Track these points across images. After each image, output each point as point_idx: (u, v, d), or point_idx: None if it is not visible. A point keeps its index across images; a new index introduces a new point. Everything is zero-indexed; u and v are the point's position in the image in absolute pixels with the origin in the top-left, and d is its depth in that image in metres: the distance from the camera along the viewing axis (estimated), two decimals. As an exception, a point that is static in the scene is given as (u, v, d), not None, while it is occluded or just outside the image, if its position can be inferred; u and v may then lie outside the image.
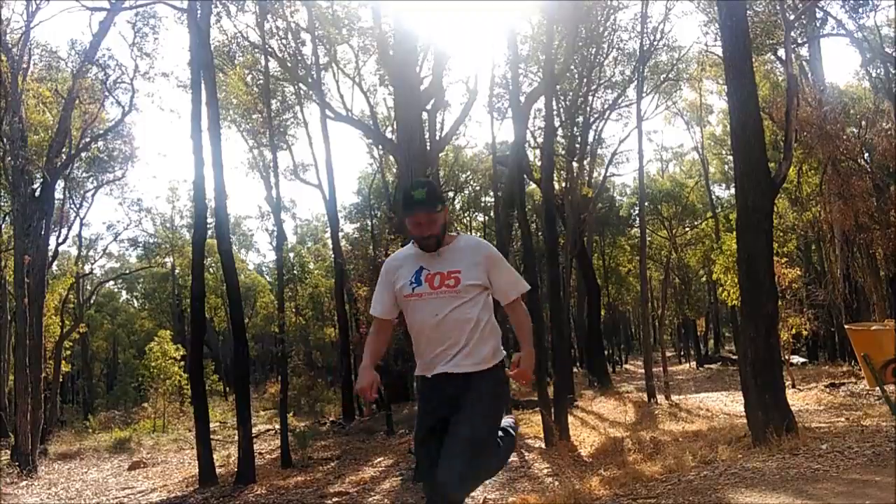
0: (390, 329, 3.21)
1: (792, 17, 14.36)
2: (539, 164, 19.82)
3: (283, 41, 18.67)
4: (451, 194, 31.08)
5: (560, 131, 22.24)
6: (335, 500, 8.94)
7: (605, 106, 24.64)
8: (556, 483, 7.91)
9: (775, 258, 9.44)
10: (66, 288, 26.45)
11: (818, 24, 19.46)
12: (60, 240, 24.23)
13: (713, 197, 31.26)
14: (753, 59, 9.04)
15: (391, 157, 21.09)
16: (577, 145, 22.80)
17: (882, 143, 18.04)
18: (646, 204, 24.16)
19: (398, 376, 21.89)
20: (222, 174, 11.95)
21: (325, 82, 21.10)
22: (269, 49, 17.96)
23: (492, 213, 28.98)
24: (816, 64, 21.50)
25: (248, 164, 25.74)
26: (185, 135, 18.53)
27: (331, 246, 26.26)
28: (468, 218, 36.11)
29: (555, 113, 20.78)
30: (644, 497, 5.39)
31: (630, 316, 49.29)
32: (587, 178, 25.35)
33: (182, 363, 24.12)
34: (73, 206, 25.71)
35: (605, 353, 30.11)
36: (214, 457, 12.03)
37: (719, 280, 18.43)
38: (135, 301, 45.43)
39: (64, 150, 17.33)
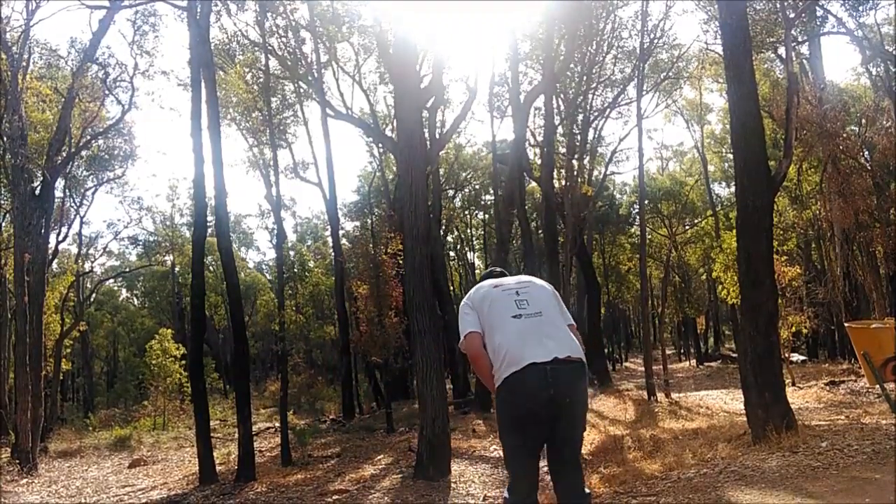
0: None
1: (792, 15, 14.34)
2: (539, 162, 19.82)
3: (283, 39, 18.67)
4: (451, 192, 31.10)
5: (560, 129, 22.23)
6: (335, 497, 8.95)
7: (605, 104, 24.64)
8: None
9: (775, 256, 9.45)
10: (66, 286, 26.45)
11: (818, 22, 19.43)
12: (60, 238, 24.23)
13: (713, 195, 31.28)
14: (753, 57, 9.03)
15: (391, 156, 21.09)
16: (577, 143, 22.80)
17: (882, 141, 18.04)
18: (646, 202, 24.15)
19: (399, 375, 21.97)
20: (222, 172, 11.97)
21: (326, 80, 21.14)
22: (269, 47, 17.96)
23: (492, 212, 28.97)
24: (816, 62, 21.50)
25: (248, 162, 25.75)
26: (185, 133, 18.60)
27: (331, 244, 26.26)
28: (468, 216, 36.13)
29: (555, 111, 20.77)
30: (644, 495, 5.39)
31: (630, 314, 49.33)
32: (587, 177, 25.35)
33: (182, 361, 24.14)
34: (73, 204, 25.72)
35: (605, 351, 30.14)
36: (215, 455, 12.05)
37: (719, 278, 18.43)
38: (135, 299, 45.45)
39: (64, 148, 17.31)
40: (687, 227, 34.51)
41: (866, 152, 19.16)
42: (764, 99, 16.95)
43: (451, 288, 32.18)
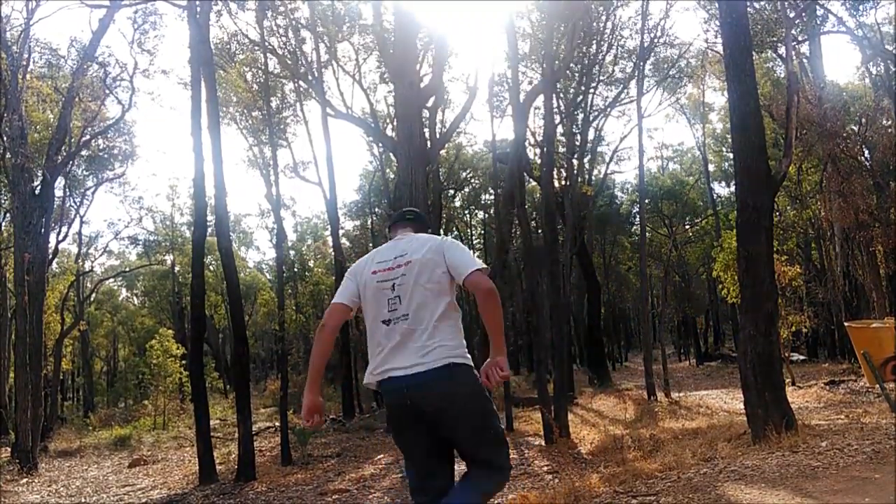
0: None
1: (793, 15, 14.35)
2: (539, 161, 19.81)
3: (284, 38, 18.68)
4: (451, 192, 31.10)
5: (560, 129, 22.21)
6: (335, 497, 8.96)
7: (606, 103, 24.65)
8: (556, 480, 7.92)
9: (775, 256, 9.44)
10: (66, 285, 26.47)
11: (819, 22, 19.44)
12: (60, 237, 24.19)
13: (713, 194, 31.28)
14: (754, 57, 9.03)
15: (392, 155, 21.09)
16: (577, 143, 22.79)
17: (882, 140, 18.04)
18: (646, 201, 24.15)
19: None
20: (222, 171, 11.98)
21: (326, 80, 21.11)
22: (270, 46, 17.96)
23: (492, 211, 28.96)
24: (817, 61, 21.49)
25: (248, 161, 25.72)
26: (185, 132, 18.56)
27: (331, 243, 26.25)
28: (468, 215, 36.13)
29: (555, 110, 20.75)
30: (643, 494, 5.39)
31: (630, 313, 49.30)
32: (587, 176, 25.33)
33: (182, 361, 24.14)
34: (73, 203, 25.69)
35: (605, 350, 30.16)
36: (215, 454, 12.06)
37: (719, 277, 18.41)
38: (135, 299, 45.44)
39: (64, 147, 17.30)
40: (687, 227, 34.53)
41: (866, 152, 19.16)
42: (764, 98, 16.94)
43: (451, 287, 32.04)
